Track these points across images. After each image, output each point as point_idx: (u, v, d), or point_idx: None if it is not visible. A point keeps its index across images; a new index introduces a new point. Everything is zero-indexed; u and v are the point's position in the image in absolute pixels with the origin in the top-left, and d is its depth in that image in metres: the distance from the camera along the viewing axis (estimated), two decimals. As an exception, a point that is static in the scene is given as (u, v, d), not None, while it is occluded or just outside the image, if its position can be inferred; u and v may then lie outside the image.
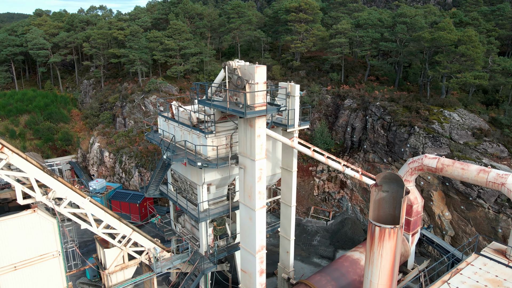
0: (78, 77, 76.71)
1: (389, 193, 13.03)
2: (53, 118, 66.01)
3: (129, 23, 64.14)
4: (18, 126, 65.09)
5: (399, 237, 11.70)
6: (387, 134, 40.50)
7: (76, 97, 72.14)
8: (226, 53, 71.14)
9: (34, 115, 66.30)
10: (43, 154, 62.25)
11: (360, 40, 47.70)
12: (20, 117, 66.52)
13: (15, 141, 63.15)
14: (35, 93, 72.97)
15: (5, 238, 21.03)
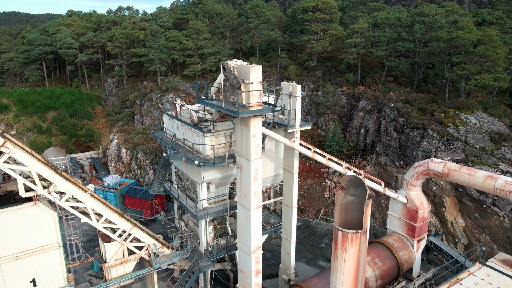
0: (104, 75, 79.14)
1: (356, 197, 12.66)
2: (77, 115, 68.50)
3: (151, 23, 65.58)
4: (45, 122, 67.98)
5: (363, 243, 11.33)
6: (400, 136, 39.38)
7: (100, 95, 74.54)
8: (246, 52, 71.38)
9: (61, 112, 69.04)
10: (67, 149, 64.71)
11: (377, 40, 46.61)
12: (47, 113, 69.44)
13: (42, 136, 66.05)
14: (63, 90, 75.95)
15: (7, 229, 22.02)
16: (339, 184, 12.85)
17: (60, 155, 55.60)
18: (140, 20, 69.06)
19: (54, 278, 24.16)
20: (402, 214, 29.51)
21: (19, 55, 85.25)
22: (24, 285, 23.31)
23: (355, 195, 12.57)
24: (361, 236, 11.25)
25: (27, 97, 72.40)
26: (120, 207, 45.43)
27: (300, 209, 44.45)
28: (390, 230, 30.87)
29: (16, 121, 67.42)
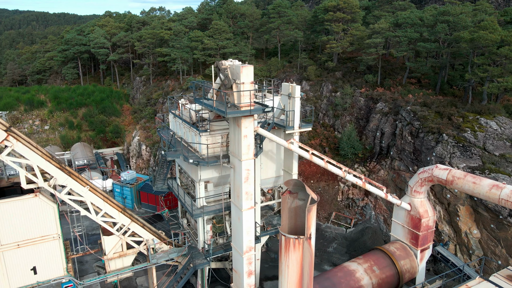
0: (133, 74, 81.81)
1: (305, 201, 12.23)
2: (106, 112, 71.22)
3: (176, 24, 67.02)
4: (76, 118, 71.23)
5: (307, 249, 10.94)
6: (414, 141, 37.85)
7: (128, 93, 77.11)
8: (271, 52, 71.25)
9: (91, 109, 72.08)
10: (95, 144, 67.49)
11: (397, 40, 45.03)
12: (79, 110, 72.72)
13: (72, 131, 69.25)
14: (94, 88, 79.29)
15: (9, 218, 23.31)
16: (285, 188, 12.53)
17: (86, 149, 58.10)
18: (168, 20, 70.73)
19: (53, 267, 25.31)
20: (405, 221, 28.40)
21: (58, 54, 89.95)
22: (25, 273, 24.59)
23: (304, 200, 12.17)
24: (304, 242, 10.90)
25: (61, 94, 76.18)
26: (135, 202, 46.86)
27: (312, 211, 43.78)
28: (394, 238, 29.81)
29: (50, 117, 71.11)
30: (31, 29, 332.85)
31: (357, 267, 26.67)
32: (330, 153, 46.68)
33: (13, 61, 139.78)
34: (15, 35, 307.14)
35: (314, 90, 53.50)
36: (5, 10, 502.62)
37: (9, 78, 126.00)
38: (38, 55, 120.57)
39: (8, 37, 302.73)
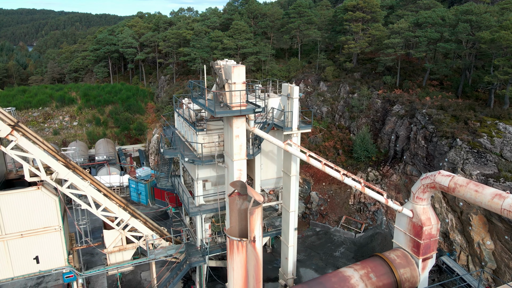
0: (159, 73, 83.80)
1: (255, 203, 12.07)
2: (131, 110, 73.46)
3: (200, 24, 67.99)
4: (103, 115, 73.96)
5: (251, 252, 10.77)
6: (428, 145, 36.35)
7: (153, 91, 79.08)
8: (294, 53, 70.73)
9: (117, 106, 74.60)
10: (119, 141, 69.80)
11: (416, 41, 43.41)
12: (106, 107, 75.46)
13: (99, 128, 71.96)
14: (122, 86, 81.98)
15: (13, 209, 24.53)
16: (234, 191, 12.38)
17: (108, 146, 60.15)
18: (192, 21, 71.90)
19: (55, 258, 26.39)
20: (407, 228, 27.35)
21: (90, 54, 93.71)
22: (28, 261, 25.81)
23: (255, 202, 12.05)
24: (247, 245, 10.74)
25: (91, 91, 79.31)
26: (149, 198, 48.00)
27: (322, 214, 43.18)
28: (396, 245, 28.78)
29: (79, 113, 74.25)
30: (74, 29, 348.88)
31: (352, 273, 25.97)
32: (344, 156, 45.77)
33: (53, 60, 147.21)
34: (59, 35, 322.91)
35: (331, 91, 52.62)
36: (51, 11, 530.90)
37: (49, 76, 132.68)
38: (75, 54, 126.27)
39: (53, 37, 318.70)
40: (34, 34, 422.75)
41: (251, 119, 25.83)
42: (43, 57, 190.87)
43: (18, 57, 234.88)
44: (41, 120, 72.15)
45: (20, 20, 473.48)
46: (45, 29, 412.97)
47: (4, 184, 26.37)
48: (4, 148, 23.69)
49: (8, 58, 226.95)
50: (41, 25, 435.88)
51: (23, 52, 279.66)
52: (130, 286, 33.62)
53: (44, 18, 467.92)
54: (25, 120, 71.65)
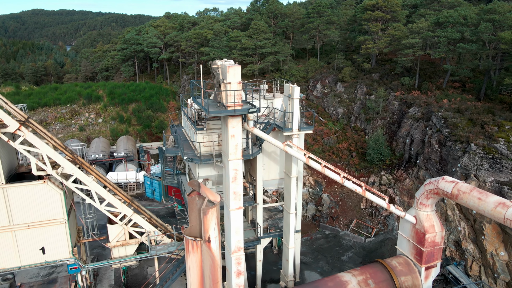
0: (182, 72, 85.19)
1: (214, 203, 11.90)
2: (153, 108, 75.11)
3: (221, 24, 68.51)
4: (127, 113, 76.03)
5: (206, 252, 10.67)
6: (442, 149, 34.96)
7: (176, 90, 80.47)
8: (315, 53, 70.02)
9: (140, 104, 76.49)
10: (140, 138, 71.53)
11: (436, 41, 41.85)
12: (130, 105, 77.54)
13: (122, 125, 74.02)
14: (146, 85, 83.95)
15: (21, 201, 25.67)
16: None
17: (129, 142, 61.79)
18: (214, 21, 72.56)
19: (60, 249, 27.38)
20: (410, 235, 26.45)
21: (118, 53, 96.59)
22: (34, 252, 26.93)
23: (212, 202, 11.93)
24: (202, 244, 10.69)
25: (116, 90, 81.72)
26: (163, 195, 48.89)
27: (332, 217, 42.48)
28: (399, 252, 27.89)
29: (104, 111, 76.69)
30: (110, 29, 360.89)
31: (350, 278, 25.39)
32: (357, 158, 44.80)
33: (87, 59, 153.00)
34: (95, 35, 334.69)
35: (348, 92, 51.66)
36: (90, 12, 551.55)
37: (83, 74, 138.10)
38: (107, 53, 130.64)
39: (90, 37, 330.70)
40: (73, 34, 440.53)
41: (250, 119, 25.75)
42: (78, 56, 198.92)
43: (57, 56, 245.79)
44: (68, 117, 75.07)
45: (60, 20, 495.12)
46: (83, 29, 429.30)
47: (15, 177, 27.59)
48: (13, 142, 24.79)
49: (47, 57, 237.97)
50: (79, 25, 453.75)
51: (62, 51, 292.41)
52: (136, 280, 34.37)
53: (83, 19, 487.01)
54: (53, 116, 74.82)
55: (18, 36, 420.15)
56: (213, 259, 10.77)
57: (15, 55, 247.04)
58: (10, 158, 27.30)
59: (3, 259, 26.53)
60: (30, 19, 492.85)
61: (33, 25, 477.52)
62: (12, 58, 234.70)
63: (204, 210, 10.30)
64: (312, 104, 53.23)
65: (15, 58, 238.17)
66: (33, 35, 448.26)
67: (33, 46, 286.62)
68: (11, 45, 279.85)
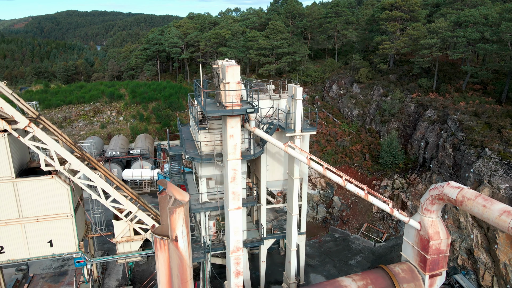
0: (202, 72, 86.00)
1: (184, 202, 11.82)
2: (172, 107, 76.20)
3: (240, 24, 68.71)
4: (147, 111, 77.51)
5: (173, 251, 10.64)
6: (455, 154, 33.72)
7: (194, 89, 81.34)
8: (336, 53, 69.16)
9: (159, 103, 77.80)
10: (159, 136, 72.70)
11: (454, 41, 40.40)
12: (150, 103, 79.00)
13: (142, 123, 75.54)
14: (167, 84, 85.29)
15: (30, 195, 26.60)
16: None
17: (146, 141, 62.93)
18: (233, 21, 72.87)
19: (67, 243, 28.20)
20: (415, 241, 25.68)
21: (141, 53, 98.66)
22: (43, 244, 27.85)
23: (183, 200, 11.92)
24: (169, 243, 10.70)
25: (138, 89, 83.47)
26: (176, 193, 49.46)
27: (343, 220, 41.79)
28: (404, 258, 27.11)
29: (125, 109, 78.47)
30: (139, 30, 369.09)
31: (350, 283, 24.88)
32: (370, 161, 43.89)
33: (114, 58, 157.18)
34: (125, 35, 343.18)
35: (364, 94, 50.69)
36: (120, 13, 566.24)
37: (110, 73, 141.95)
38: (133, 53, 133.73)
39: (120, 37, 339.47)
40: (104, 34, 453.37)
41: (252, 119, 25.73)
42: (107, 56, 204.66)
43: (87, 55, 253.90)
44: (91, 114, 77.30)
45: (92, 21, 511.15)
46: (114, 30, 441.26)
47: (26, 171, 28.62)
48: (23, 138, 25.73)
49: (78, 57, 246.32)
50: (110, 26, 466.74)
51: (92, 51, 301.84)
52: (143, 276, 34.97)
53: (114, 20, 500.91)
54: (77, 114, 77.25)
55: (52, 36, 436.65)
56: (181, 259, 10.80)
57: (48, 55, 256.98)
58: (22, 153, 28.33)
59: (13, 250, 27.56)
60: (64, 20, 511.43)
61: (67, 25, 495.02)
62: (46, 57, 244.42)
63: (170, 210, 10.34)
64: (327, 105, 52.56)
65: (48, 57, 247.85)
66: (67, 35, 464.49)
67: (65, 46, 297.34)
68: (45, 44, 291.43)
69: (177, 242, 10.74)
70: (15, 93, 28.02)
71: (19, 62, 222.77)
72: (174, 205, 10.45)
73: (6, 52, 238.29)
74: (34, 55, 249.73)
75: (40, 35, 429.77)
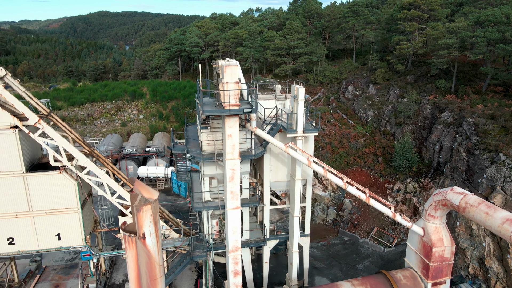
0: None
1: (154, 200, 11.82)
2: (191, 106, 77.10)
3: (258, 24, 68.71)
4: (166, 110, 78.80)
5: (141, 248, 10.70)
6: (469, 158, 32.46)
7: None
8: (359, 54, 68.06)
9: (179, 102, 78.93)
10: (177, 135, 73.78)
11: (473, 41, 38.90)
12: (169, 102, 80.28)
13: (161, 121, 76.88)
14: (187, 83, 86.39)
15: (39, 189, 27.57)
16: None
17: (164, 139, 64.01)
18: (252, 21, 72.95)
19: (74, 237, 29.03)
20: (418, 247, 24.92)
21: (163, 52, 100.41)
22: (51, 237, 28.79)
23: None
24: (137, 241, 10.79)
25: (159, 88, 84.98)
26: (188, 190, 50.04)
27: (353, 224, 41.06)
28: (407, 264, 26.36)
29: (145, 107, 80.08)
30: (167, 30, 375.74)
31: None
32: (383, 164, 42.91)
33: (139, 58, 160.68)
34: (153, 35, 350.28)
35: (380, 95, 49.63)
36: (150, 13, 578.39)
37: (135, 72, 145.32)
38: (157, 53, 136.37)
39: (148, 37, 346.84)
40: (133, 34, 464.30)
41: (253, 119, 25.69)
42: (133, 55, 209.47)
43: (115, 55, 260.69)
44: (112, 112, 79.34)
45: (123, 21, 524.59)
46: (143, 30, 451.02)
47: (37, 166, 29.67)
48: (33, 134, 26.69)
49: (107, 56, 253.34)
50: (139, 26, 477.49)
51: (121, 50, 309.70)
52: (150, 272, 35.49)
53: (143, 20, 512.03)
54: (99, 111, 79.46)
55: (85, 36, 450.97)
56: (149, 256, 10.90)
57: (79, 54, 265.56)
58: (34, 149, 29.36)
59: (23, 242, 28.63)
60: (96, 20, 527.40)
61: (98, 26, 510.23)
62: (77, 57, 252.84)
63: (137, 207, 10.47)
64: (342, 106, 51.79)
65: (79, 56, 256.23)
66: (98, 35, 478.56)
67: (95, 45, 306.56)
68: (77, 44, 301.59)
69: (144, 240, 10.86)
70: (28, 91, 29.07)
71: (52, 61, 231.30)
72: (141, 203, 10.59)
73: (40, 52, 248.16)
74: (66, 55, 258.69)
75: (73, 35, 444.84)
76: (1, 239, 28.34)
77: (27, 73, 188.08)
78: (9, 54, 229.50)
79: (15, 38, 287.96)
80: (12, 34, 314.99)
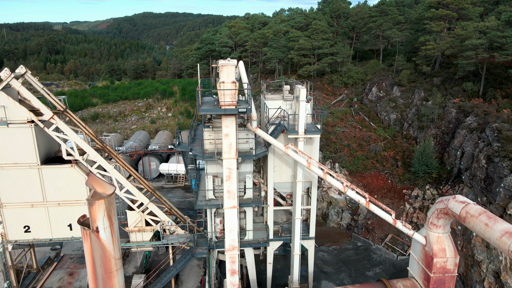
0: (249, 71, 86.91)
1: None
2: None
3: (285, 24, 68.33)
4: (194, 108, 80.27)
5: (95, 241, 10.93)
6: (489, 166, 30.57)
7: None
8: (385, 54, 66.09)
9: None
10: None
11: (503, 42, 36.57)
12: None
13: (189, 120, 78.40)
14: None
15: (52, 181, 29.05)
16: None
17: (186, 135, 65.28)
18: (280, 21, 72.65)
19: (84, 228, 30.35)
20: (420, 257, 23.85)
21: (195, 52, 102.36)
22: (63, 227, 30.27)
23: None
24: (91, 234, 11.07)
25: (188, 87, 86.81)
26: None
27: (368, 229, 39.91)
28: (410, 274, 25.25)
29: (174, 106, 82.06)
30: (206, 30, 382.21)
31: (345, 294, 23.74)
32: (402, 169, 41.35)
33: (176, 57, 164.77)
34: (193, 36, 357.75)
35: (404, 97, 47.84)
36: (191, 14, 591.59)
37: (171, 72, 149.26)
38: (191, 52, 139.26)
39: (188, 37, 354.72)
40: (174, 34, 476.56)
41: (254, 119, 25.65)
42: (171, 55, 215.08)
43: (156, 54, 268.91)
44: (143, 110, 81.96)
45: (165, 22, 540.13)
46: (183, 30, 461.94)
47: (53, 159, 31.23)
48: (47, 129, 28.14)
49: (147, 56, 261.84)
50: (180, 26, 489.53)
51: (161, 50, 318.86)
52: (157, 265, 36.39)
53: (184, 21, 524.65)
54: (131, 109, 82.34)
55: (129, 36, 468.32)
56: (103, 249, 11.20)
57: (122, 53, 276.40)
58: (50, 143, 30.87)
59: (38, 231, 30.29)
60: (140, 21, 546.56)
61: (142, 26, 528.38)
62: (120, 56, 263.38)
63: (89, 201, 10.80)
64: (365, 108, 50.46)
65: (122, 56, 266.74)
66: (142, 35, 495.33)
67: (137, 45, 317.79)
68: (121, 44, 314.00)
69: (98, 233, 11.18)
70: (45, 88, 30.68)
71: (97, 60, 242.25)
72: (94, 197, 10.91)
73: (86, 51, 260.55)
74: (110, 54, 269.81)
75: (119, 35, 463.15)
76: (18, 226, 30.16)
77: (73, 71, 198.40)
78: (59, 53, 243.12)
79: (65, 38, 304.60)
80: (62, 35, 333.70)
